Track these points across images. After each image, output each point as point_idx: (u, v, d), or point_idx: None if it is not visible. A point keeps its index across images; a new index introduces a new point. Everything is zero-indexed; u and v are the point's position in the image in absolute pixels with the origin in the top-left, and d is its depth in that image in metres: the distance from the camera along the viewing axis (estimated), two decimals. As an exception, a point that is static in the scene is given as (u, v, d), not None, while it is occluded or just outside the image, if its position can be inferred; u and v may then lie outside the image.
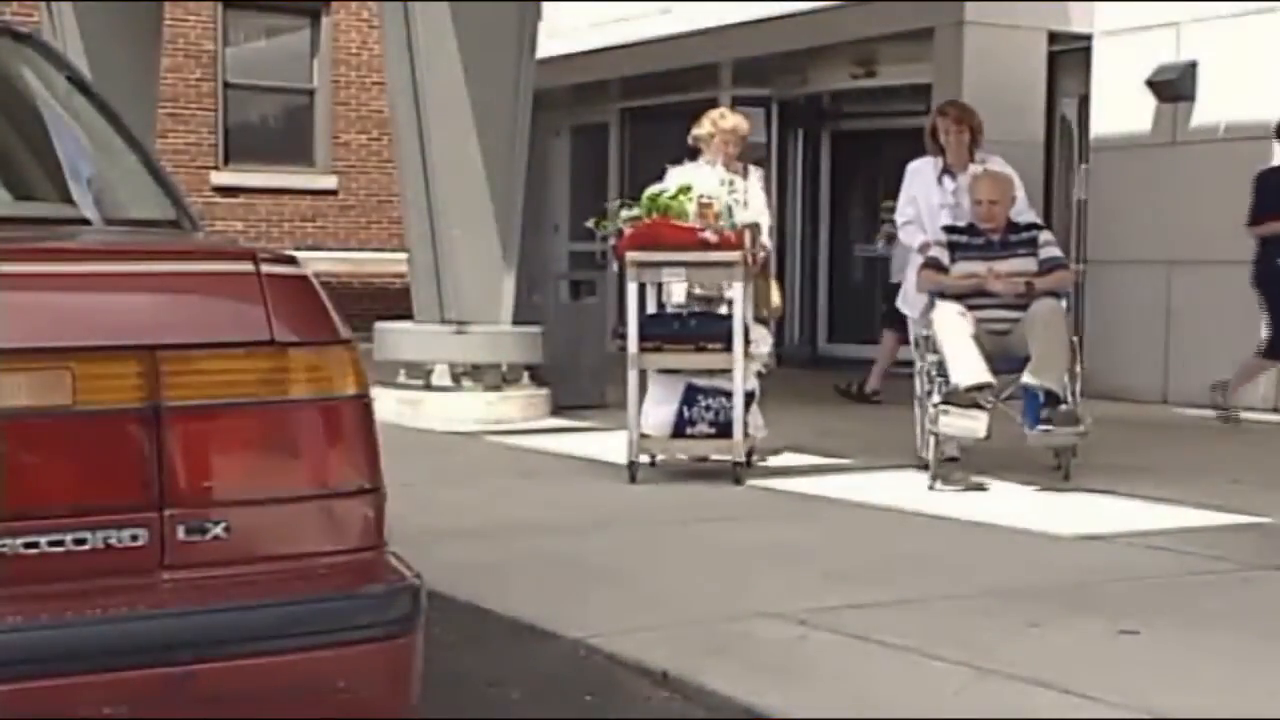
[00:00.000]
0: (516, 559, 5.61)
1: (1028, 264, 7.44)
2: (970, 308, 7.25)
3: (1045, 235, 7.70)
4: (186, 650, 2.29)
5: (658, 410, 7.57)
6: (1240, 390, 10.25)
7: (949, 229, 7.69)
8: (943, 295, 7.38)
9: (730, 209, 7.30)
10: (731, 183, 7.48)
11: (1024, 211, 7.87)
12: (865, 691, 3.92)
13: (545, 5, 11.32)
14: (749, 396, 7.58)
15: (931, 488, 7.11)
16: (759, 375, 7.81)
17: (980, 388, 6.96)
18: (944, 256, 7.53)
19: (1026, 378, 7.01)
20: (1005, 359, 7.14)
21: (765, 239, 7.96)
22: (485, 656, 4.35)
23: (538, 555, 5.68)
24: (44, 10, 13.65)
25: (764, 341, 7.85)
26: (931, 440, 7.19)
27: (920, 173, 8.20)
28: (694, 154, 8.00)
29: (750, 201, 7.75)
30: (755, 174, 8.21)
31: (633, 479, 7.32)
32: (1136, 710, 3.68)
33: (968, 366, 7.00)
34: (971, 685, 3.90)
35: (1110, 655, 4.23)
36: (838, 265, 15.70)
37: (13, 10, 15.68)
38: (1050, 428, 7.06)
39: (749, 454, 7.64)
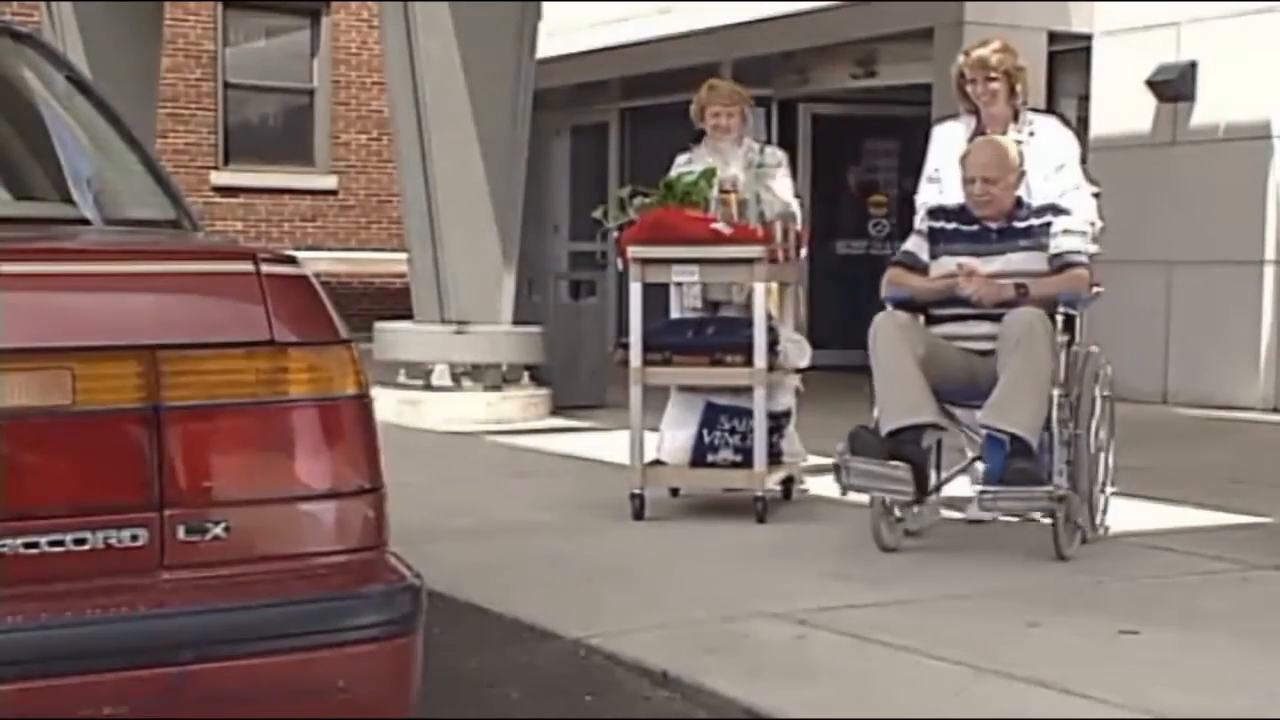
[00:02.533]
0: (516, 559, 5.61)
1: (1032, 260, 5.63)
2: (945, 319, 5.64)
3: (1065, 221, 5.69)
4: (186, 650, 2.29)
5: (675, 434, 6.59)
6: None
7: (933, 212, 5.87)
8: (911, 302, 5.70)
9: (758, 196, 6.38)
10: (761, 164, 6.61)
11: (1076, 190, 5.98)
12: (865, 691, 3.92)
13: (545, 5, 11.33)
14: (783, 418, 6.56)
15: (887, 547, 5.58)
16: (796, 393, 6.73)
17: (912, 429, 5.37)
18: (921, 251, 5.76)
19: (981, 416, 5.39)
20: (988, 390, 5.41)
21: (799, 229, 6.75)
22: (485, 656, 4.35)
23: (538, 555, 5.68)
24: (44, 10, 13.65)
25: (801, 353, 6.63)
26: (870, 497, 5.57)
27: (948, 138, 6.24)
28: (699, 138, 7.09)
29: (774, 188, 6.67)
30: (774, 155, 6.92)
31: (638, 514, 6.23)
32: (1136, 710, 3.68)
33: (896, 402, 5.39)
34: (971, 685, 3.90)
35: (1110, 655, 4.23)
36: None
37: (13, 10, 15.69)
38: (997, 489, 5.26)
39: (787, 484, 6.61)
